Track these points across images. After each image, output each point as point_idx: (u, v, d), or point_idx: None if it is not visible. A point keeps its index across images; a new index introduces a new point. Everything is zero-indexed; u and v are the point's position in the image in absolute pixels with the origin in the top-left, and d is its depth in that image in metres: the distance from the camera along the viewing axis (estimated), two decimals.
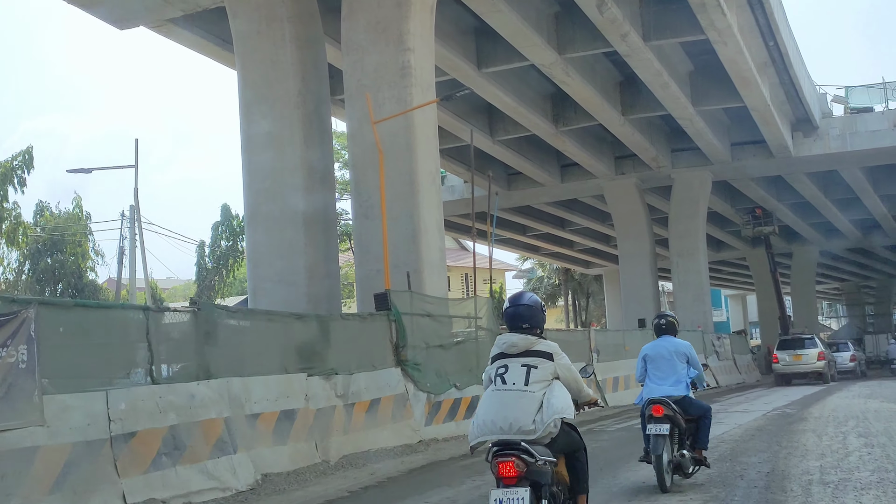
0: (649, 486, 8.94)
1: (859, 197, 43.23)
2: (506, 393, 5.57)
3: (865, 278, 76.51)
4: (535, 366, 5.62)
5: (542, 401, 5.52)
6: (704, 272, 38.19)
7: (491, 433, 5.47)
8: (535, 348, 5.69)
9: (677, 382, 9.16)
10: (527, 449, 5.26)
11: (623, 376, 23.96)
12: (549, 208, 44.32)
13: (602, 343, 23.52)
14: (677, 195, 38.10)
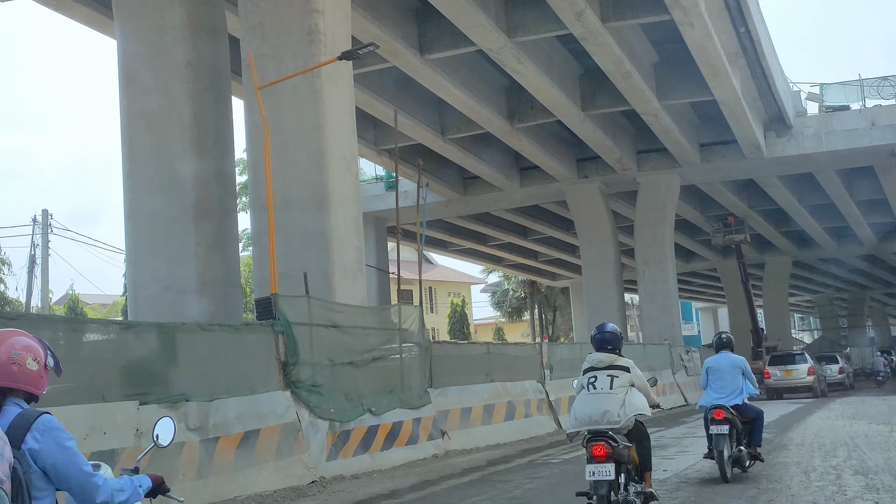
0: (713, 477, 10.53)
1: (834, 203, 41.13)
2: (597, 395, 7.41)
3: (839, 290, 74.64)
4: (616, 375, 7.47)
5: (623, 401, 7.34)
6: (672, 282, 35.82)
7: (586, 424, 7.34)
8: (617, 363, 7.61)
9: (734, 391, 10.64)
10: (612, 436, 7.04)
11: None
12: (509, 216, 41.85)
13: (557, 358, 20.95)
14: (643, 200, 35.73)
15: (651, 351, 28.13)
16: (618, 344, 7.87)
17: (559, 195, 36.93)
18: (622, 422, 7.21)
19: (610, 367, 7.57)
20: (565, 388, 20.58)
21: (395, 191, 20.02)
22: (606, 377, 7.47)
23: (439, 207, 38.16)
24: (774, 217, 45.82)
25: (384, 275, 39.50)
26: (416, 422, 14.33)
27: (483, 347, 19.54)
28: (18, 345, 3.37)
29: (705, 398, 10.85)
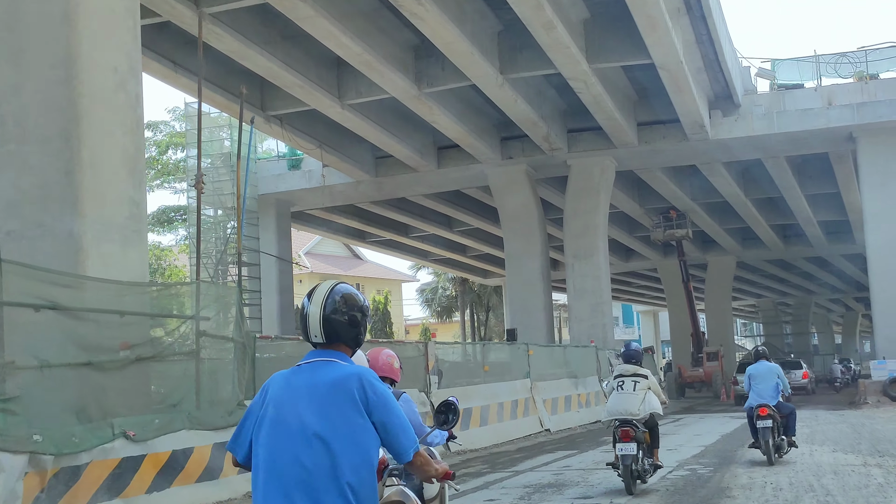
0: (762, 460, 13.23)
1: (784, 196, 37.71)
2: (624, 395, 10.91)
3: (783, 295, 71.83)
4: (638, 381, 10.99)
5: (643, 399, 10.83)
6: (605, 278, 31.99)
7: (617, 416, 10.83)
8: (639, 373, 11.11)
9: (773, 392, 13.42)
10: (635, 424, 10.61)
11: (479, 407, 17.29)
12: (431, 203, 37.71)
13: (449, 361, 16.86)
14: (575, 185, 31.86)
15: (573, 354, 24.24)
16: (639, 358, 11.43)
17: (482, 179, 32.94)
18: (641, 415, 10.75)
19: (634, 374, 11.04)
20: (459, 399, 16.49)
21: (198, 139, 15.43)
22: (631, 382, 10.96)
23: (348, 190, 33.98)
24: (719, 212, 42.32)
25: (286, 266, 35.16)
26: (218, 448, 10.10)
27: None
28: (386, 354, 6.58)
29: (751, 399, 13.40)
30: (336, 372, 3.39)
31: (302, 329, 3.53)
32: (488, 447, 16.65)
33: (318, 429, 3.25)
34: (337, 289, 3.53)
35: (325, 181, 33.08)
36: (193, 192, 33.60)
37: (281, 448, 3.27)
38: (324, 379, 3.34)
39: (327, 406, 3.29)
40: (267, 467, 3.27)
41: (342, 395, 3.30)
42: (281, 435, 3.29)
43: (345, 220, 39.55)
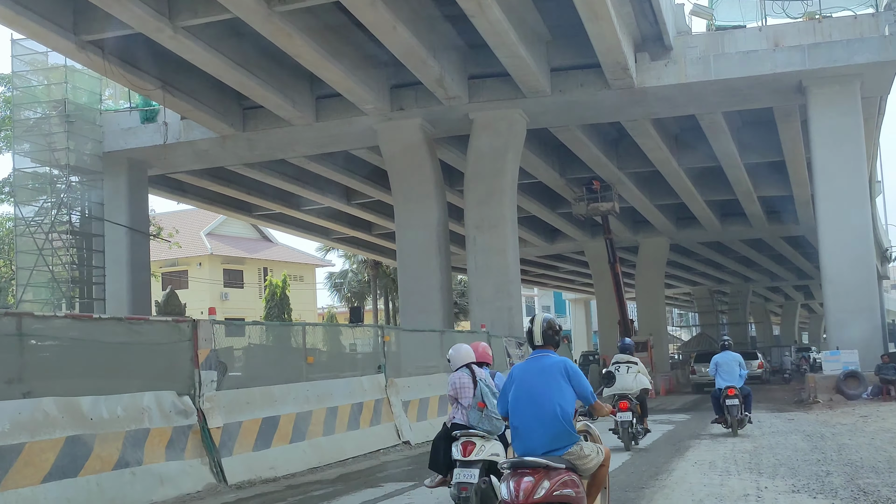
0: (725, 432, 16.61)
1: (721, 165, 33.21)
2: (623, 376, 14.78)
3: (720, 282, 67.95)
4: (630, 367, 15.23)
5: (634, 379, 15.08)
6: (512, 252, 27.08)
7: (617, 391, 14.58)
8: (631, 360, 15.43)
9: (736, 377, 16.55)
10: (630, 398, 14.73)
11: (293, 415, 12.10)
12: (319, 168, 32.44)
13: (245, 348, 11.65)
14: (478, 143, 26.90)
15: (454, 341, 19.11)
16: (632, 350, 16.05)
17: (371, 137, 27.78)
18: (634, 391, 14.98)
19: (627, 362, 15.41)
20: (243, 409, 11.30)
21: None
22: (625, 367, 15.26)
23: (214, 148, 28.63)
24: (650, 184, 37.77)
25: (141, 239, 29.69)
26: None
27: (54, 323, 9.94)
28: (483, 346, 9.51)
29: (719, 383, 16.69)
30: (551, 360, 6.62)
31: (528, 339, 6.78)
32: (297, 473, 11.54)
33: (546, 389, 6.44)
34: (546, 316, 6.88)
35: (182, 134, 27.72)
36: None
37: (527, 400, 6.47)
38: (545, 364, 6.59)
39: (549, 377, 6.50)
40: (521, 411, 6.44)
41: (556, 371, 6.52)
42: (527, 393, 6.50)
43: (220, 187, 34.11)
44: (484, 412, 8.40)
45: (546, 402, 6.28)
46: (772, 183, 37.60)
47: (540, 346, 6.60)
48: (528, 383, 6.47)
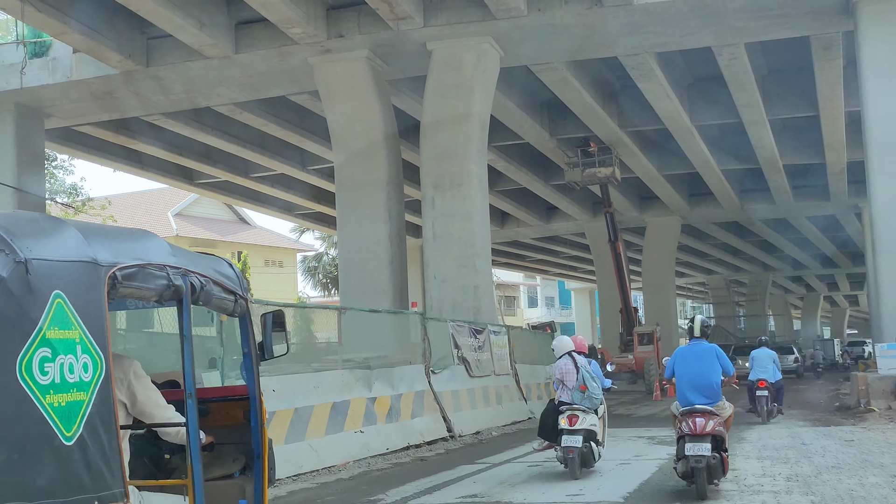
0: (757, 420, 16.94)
1: (742, 121, 27.61)
2: (763, 365, 18.03)
3: (737, 270, 62.22)
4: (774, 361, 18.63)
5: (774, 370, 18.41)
6: (481, 218, 21.65)
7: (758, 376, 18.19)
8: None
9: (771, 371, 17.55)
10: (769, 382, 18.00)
11: None
12: (261, 123, 27.08)
13: None
14: (437, 80, 21.46)
15: (370, 327, 13.70)
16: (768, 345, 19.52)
17: (307, 77, 22.36)
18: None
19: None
20: None
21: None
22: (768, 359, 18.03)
23: (116, 89, 23.36)
24: (657, 148, 32.25)
25: (35, 203, 24.33)
26: None
27: None
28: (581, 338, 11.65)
29: (752, 375, 17.59)
30: (705, 345, 9.37)
31: (689, 331, 9.70)
32: None
33: (703, 365, 9.16)
34: (702, 317, 9.80)
35: (74, 70, 22.38)
36: None
37: (690, 372, 9.14)
38: (702, 348, 9.34)
39: (704, 358, 9.21)
40: (684, 383, 9.08)
41: (710, 354, 9.26)
42: (690, 367, 9.18)
43: (145, 146, 28.67)
44: (585, 393, 10.69)
45: (703, 374, 9.17)
46: (801, 147, 32.10)
47: (697, 337, 9.49)
48: (690, 360, 9.32)
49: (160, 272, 3.85)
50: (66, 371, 3.24)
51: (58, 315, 3.25)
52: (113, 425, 3.41)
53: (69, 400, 3.23)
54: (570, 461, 10.27)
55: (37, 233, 3.40)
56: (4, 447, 3.00)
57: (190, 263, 4.16)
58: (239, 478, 4.78)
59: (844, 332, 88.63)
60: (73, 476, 3.19)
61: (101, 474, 3.28)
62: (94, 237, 3.63)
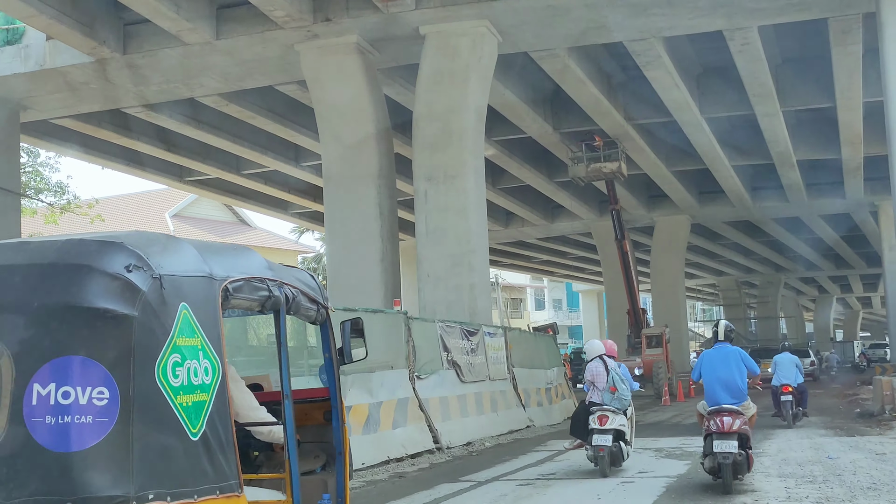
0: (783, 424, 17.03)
1: (755, 112, 26.29)
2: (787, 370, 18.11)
3: (748, 272, 60.77)
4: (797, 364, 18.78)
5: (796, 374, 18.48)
6: (476, 214, 20.34)
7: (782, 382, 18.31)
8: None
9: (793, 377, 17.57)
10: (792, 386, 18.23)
11: None
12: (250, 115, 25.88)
13: None
14: (430, 65, 20.19)
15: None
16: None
17: (294, 65, 21.12)
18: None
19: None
20: None
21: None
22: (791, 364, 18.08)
23: (93, 79, 22.22)
24: (665, 143, 30.89)
25: (11, 201, 23.18)
26: None
27: None
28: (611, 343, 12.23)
29: (775, 380, 17.67)
30: (730, 349, 9.90)
31: (714, 336, 10.34)
32: None
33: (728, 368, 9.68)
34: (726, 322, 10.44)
35: (47, 58, 21.21)
36: None
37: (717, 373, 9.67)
38: (727, 351, 9.85)
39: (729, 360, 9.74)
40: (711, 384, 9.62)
41: (734, 356, 9.78)
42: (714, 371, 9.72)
43: (130, 141, 27.46)
44: (615, 394, 11.15)
45: (729, 375, 9.67)
46: (815, 142, 30.81)
47: (722, 340, 10.05)
48: (716, 363, 9.83)
49: (262, 285, 4.19)
50: (191, 374, 3.57)
51: (184, 324, 3.58)
52: (228, 423, 3.71)
53: (195, 400, 3.55)
54: (600, 459, 10.81)
55: (163, 251, 3.72)
56: (148, 441, 3.34)
57: (283, 276, 4.47)
58: (320, 473, 5.09)
59: (857, 334, 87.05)
60: (199, 468, 3.51)
61: (220, 467, 3.60)
62: (207, 254, 3.95)
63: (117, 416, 3.29)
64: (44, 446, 3.21)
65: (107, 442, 3.25)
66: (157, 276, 3.51)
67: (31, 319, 3.36)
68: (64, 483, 3.18)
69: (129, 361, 3.37)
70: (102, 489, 3.20)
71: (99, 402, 3.28)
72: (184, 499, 3.40)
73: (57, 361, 3.29)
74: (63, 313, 3.36)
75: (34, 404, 3.25)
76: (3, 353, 3.31)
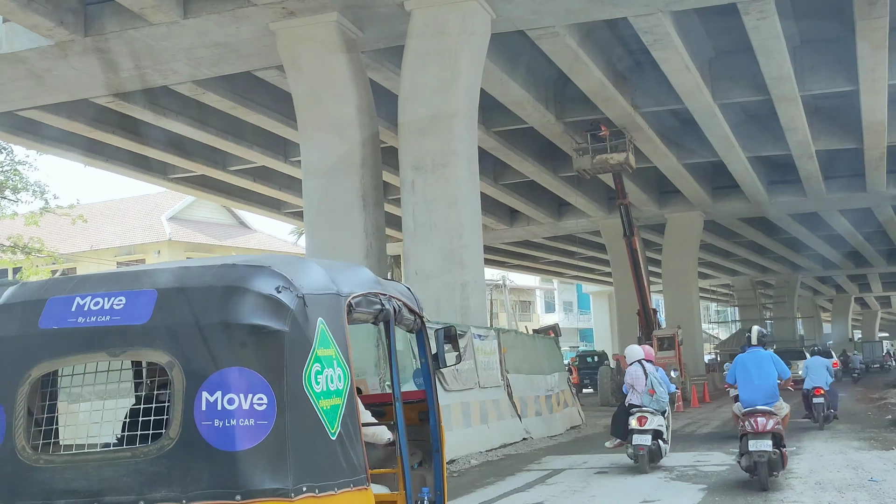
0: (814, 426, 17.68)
1: (771, 96, 24.49)
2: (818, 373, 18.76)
3: (763, 270, 58.81)
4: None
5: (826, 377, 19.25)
6: (469, 205, 18.61)
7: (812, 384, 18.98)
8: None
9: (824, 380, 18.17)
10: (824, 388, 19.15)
11: None
12: (229, 106, 24.25)
13: None
14: (417, 45, 18.48)
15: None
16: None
17: (272, 48, 19.45)
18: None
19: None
20: None
21: None
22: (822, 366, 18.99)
23: (55, 65, 20.71)
24: (675, 133, 29.17)
25: None
26: None
27: None
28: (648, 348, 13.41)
29: (807, 383, 18.30)
30: (763, 353, 10.77)
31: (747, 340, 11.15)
32: None
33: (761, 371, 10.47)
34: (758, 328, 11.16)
35: (4, 41, 19.64)
36: None
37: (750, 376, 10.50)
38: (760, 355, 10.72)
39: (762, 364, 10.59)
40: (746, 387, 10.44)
41: (767, 360, 10.64)
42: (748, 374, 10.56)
43: (104, 134, 25.86)
44: (653, 396, 12.12)
45: (762, 378, 10.42)
46: (836, 130, 28.99)
47: (755, 345, 10.82)
48: (749, 366, 10.57)
49: (376, 299, 4.58)
50: (328, 381, 3.94)
51: (322, 337, 3.96)
52: (357, 424, 4.06)
53: (332, 404, 3.94)
54: (640, 457, 11.73)
55: (301, 272, 4.09)
56: (299, 440, 3.77)
57: (388, 289, 4.85)
58: (417, 469, 5.58)
59: (876, 334, 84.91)
60: (337, 464, 3.92)
61: (353, 463, 3.99)
62: (332, 272, 4.32)
63: (275, 419, 3.68)
64: (214, 446, 3.62)
65: (267, 442, 3.65)
66: (301, 295, 3.89)
67: (196, 336, 3.74)
68: (233, 478, 3.58)
69: (282, 371, 3.76)
70: (266, 482, 3.61)
71: (259, 406, 3.68)
72: (328, 491, 3.77)
73: (222, 372, 3.69)
74: (224, 330, 3.75)
75: (203, 410, 3.65)
76: (174, 365, 3.71)
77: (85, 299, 3.86)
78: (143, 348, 3.79)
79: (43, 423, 3.84)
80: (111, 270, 4.27)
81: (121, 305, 3.81)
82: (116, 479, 3.64)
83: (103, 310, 3.81)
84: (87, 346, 3.81)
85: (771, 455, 9.65)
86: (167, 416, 3.69)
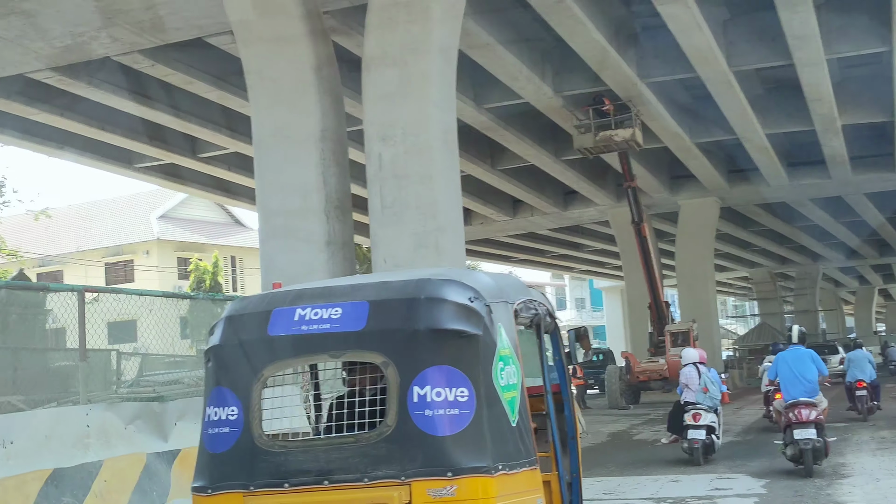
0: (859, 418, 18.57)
1: (794, 61, 21.82)
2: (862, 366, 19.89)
3: (782, 262, 56.00)
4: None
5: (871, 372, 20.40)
6: (447, 181, 15.92)
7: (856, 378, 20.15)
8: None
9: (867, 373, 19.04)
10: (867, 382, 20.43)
11: None
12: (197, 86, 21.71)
13: None
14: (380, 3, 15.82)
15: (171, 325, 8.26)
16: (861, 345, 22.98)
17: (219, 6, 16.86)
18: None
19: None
20: None
21: None
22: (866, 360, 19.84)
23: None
24: (687, 108, 26.49)
25: None
26: None
27: None
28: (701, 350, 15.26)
29: (849, 376, 19.27)
30: (803, 350, 11.79)
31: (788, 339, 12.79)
32: None
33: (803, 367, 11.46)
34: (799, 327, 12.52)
35: None
36: None
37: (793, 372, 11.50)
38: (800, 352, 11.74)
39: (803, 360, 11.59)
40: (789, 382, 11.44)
41: (808, 357, 11.66)
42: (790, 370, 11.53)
43: (52, 117, 23.35)
44: (707, 395, 13.27)
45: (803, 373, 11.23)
46: (865, 101, 26.27)
47: (796, 343, 11.73)
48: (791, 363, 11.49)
49: (531, 305, 5.28)
50: (509, 377, 4.60)
51: (502, 339, 4.66)
52: (527, 413, 4.74)
53: (511, 396, 4.60)
54: (695, 451, 12.76)
55: (479, 283, 4.79)
56: (492, 427, 4.46)
57: (534, 296, 5.49)
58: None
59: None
60: (517, 447, 4.61)
61: (527, 446, 4.72)
62: (498, 282, 5.04)
63: (475, 409, 4.40)
64: (425, 432, 4.37)
65: (469, 428, 4.36)
66: (488, 304, 4.64)
67: (406, 339, 4.52)
68: (443, 458, 4.32)
69: (478, 368, 4.51)
70: (471, 461, 4.35)
71: (462, 398, 4.42)
72: (514, 470, 4.49)
73: (430, 370, 4.45)
74: (429, 334, 4.52)
75: (415, 402, 4.40)
76: (389, 364, 4.44)
77: (305, 310, 4.63)
78: (361, 350, 4.57)
79: (273, 415, 4.57)
80: (323, 285, 5.01)
81: (338, 315, 4.58)
82: (343, 461, 4.36)
83: (322, 319, 4.60)
84: (311, 350, 4.65)
85: (815, 443, 10.67)
86: (383, 406, 4.40)
